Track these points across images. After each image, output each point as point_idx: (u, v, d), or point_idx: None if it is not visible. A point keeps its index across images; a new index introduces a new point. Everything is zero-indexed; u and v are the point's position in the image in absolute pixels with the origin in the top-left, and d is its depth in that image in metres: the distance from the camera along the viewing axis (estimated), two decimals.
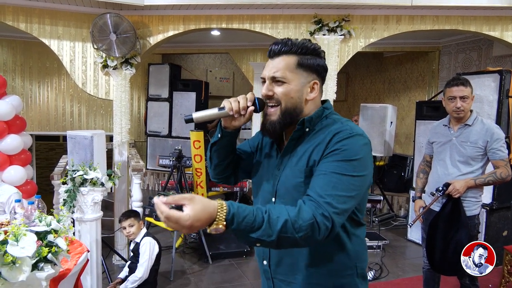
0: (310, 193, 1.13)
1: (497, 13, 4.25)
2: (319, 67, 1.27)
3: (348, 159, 1.14)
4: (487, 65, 5.79)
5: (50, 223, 1.74)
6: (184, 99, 6.89)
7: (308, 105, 1.27)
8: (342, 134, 1.18)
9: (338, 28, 4.25)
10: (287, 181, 1.25)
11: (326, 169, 1.15)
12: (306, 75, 1.25)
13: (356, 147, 1.16)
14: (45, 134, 7.58)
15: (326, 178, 1.13)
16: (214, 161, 1.42)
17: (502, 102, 3.81)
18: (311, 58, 1.26)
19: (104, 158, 3.42)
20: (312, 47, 1.26)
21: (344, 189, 1.12)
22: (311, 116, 1.26)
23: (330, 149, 1.17)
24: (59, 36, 4.20)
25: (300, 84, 1.24)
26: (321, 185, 1.12)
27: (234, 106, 1.25)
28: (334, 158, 1.15)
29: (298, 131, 1.26)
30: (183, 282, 3.65)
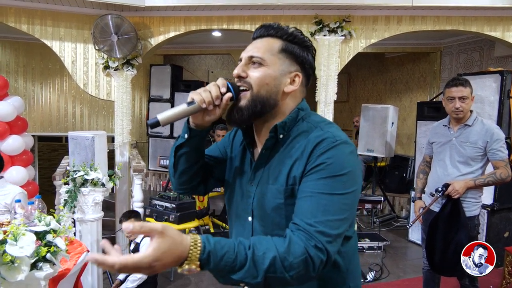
0: (297, 222, 0.95)
1: (498, 13, 4.24)
2: (305, 60, 1.10)
3: (336, 174, 0.97)
4: (489, 65, 5.78)
5: (49, 223, 1.76)
6: (186, 100, 6.89)
7: (285, 99, 1.08)
8: (325, 144, 0.99)
9: (339, 29, 4.25)
10: (264, 202, 1.06)
11: (312, 189, 0.97)
12: (288, 63, 1.07)
13: (343, 158, 0.99)
14: (48, 135, 7.62)
15: (313, 201, 0.96)
16: (179, 168, 1.17)
17: (503, 102, 3.80)
18: (298, 48, 1.09)
19: (105, 159, 3.44)
20: (301, 36, 1.10)
21: (335, 212, 0.95)
22: (285, 121, 1.06)
23: (313, 164, 0.99)
24: (61, 38, 4.23)
25: (279, 71, 1.06)
26: (309, 210, 0.95)
27: (205, 96, 1.03)
28: (319, 175, 0.97)
29: (270, 139, 1.06)
30: (183, 282, 3.65)
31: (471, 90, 2.53)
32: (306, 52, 1.10)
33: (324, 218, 0.94)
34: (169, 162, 1.21)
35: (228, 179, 1.22)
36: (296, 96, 1.11)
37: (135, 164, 4.12)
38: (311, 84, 1.21)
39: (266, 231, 1.06)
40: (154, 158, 6.87)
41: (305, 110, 1.10)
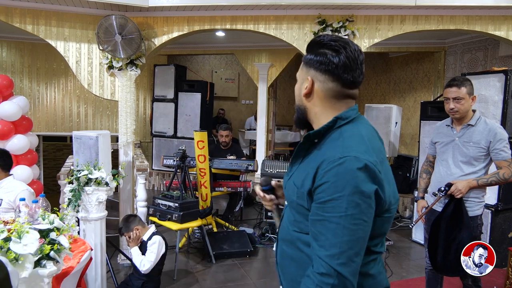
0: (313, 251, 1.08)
1: (503, 12, 4.22)
2: (315, 62, 1.18)
3: (336, 197, 1.02)
4: (493, 65, 5.75)
5: (53, 221, 1.77)
6: (190, 100, 6.93)
7: (308, 103, 1.22)
8: (329, 162, 1.05)
9: (342, 29, 4.25)
10: (290, 194, 1.22)
11: (317, 214, 1.06)
12: (305, 71, 1.23)
13: (346, 178, 1.02)
14: (53, 134, 7.67)
15: (319, 227, 1.05)
16: None
17: (507, 102, 3.78)
18: (310, 54, 1.21)
19: (109, 158, 3.45)
20: (311, 43, 1.22)
21: (343, 235, 1.01)
22: (319, 130, 1.16)
23: (318, 183, 1.07)
24: (65, 38, 4.26)
25: (300, 81, 1.25)
26: (317, 237, 1.05)
27: (268, 206, 1.50)
28: (321, 198, 1.05)
29: (301, 144, 1.20)
30: (186, 281, 3.67)
31: (469, 91, 2.52)
32: (316, 55, 1.18)
33: (331, 243, 1.02)
34: None
35: None
36: (318, 95, 1.20)
37: (138, 163, 4.13)
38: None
39: (288, 217, 1.26)
40: (158, 157, 6.89)
41: (346, 119, 1.17)
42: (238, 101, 10.50)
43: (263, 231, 4.85)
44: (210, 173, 4.59)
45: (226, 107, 10.13)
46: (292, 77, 10.07)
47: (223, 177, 5.06)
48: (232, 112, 10.44)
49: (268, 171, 4.81)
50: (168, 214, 3.82)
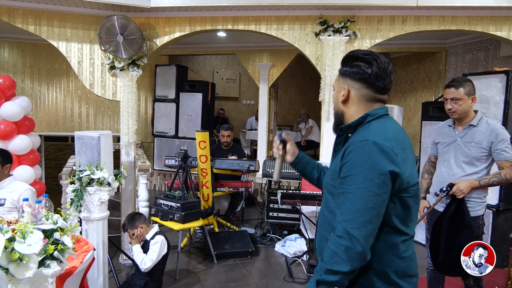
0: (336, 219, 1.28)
1: (504, 13, 4.22)
2: (350, 73, 1.40)
3: (354, 172, 1.23)
4: (495, 65, 5.75)
5: (57, 222, 1.78)
6: (191, 100, 6.93)
7: (345, 108, 1.44)
8: (352, 144, 1.29)
9: (344, 29, 4.25)
10: (325, 180, 1.45)
11: (340, 188, 1.28)
12: (341, 81, 1.44)
13: (363, 156, 1.24)
14: (54, 134, 7.68)
15: (342, 198, 1.26)
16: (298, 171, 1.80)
17: (508, 102, 3.78)
18: (345, 66, 1.43)
19: (111, 158, 3.47)
20: (348, 56, 1.43)
21: (357, 204, 1.21)
22: (350, 124, 1.39)
23: (342, 162, 1.29)
24: (67, 38, 4.27)
25: (337, 90, 1.47)
26: (340, 207, 1.26)
27: (275, 151, 1.75)
28: (343, 174, 1.27)
29: (337, 137, 1.44)
30: (188, 281, 3.68)
31: (468, 91, 2.52)
32: (351, 68, 1.40)
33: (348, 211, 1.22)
34: None
35: None
36: (353, 101, 1.41)
37: (140, 163, 4.14)
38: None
39: (324, 202, 1.44)
40: (160, 158, 6.90)
41: (374, 115, 1.37)
42: (239, 101, 10.51)
43: (264, 231, 4.86)
44: (212, 173, 4.60)
45: (227, 107, 10.14)
46: (294, 77, 10.08)
47: (224, 177, 5.07)
48: (233, 112, 10.45)
49: (270, 171, 4.82)
50: (170, 214, 3.82)
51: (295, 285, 3.62)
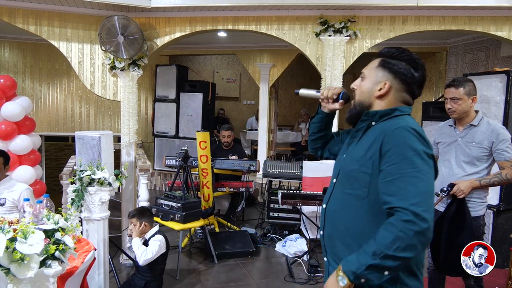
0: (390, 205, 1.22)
1: (505, 13, 4.22)
2: (396, 69, 1.38)
3: (409, 156, 1.22)
4: (495, 65, 5.75)
5: (58, 222, 1.78)
6: (191, 100, 6.94)
7: (377, 102, 1.40)
8: (392, 130, 1.28)
9: (344, 29, 4.25)
10: (346, 166, 1.41)
11: (393, 174, 1.24)
12: (381, 74, 1.40)
13: (412, 140, 1.24)
14: (55, 135, 7.68)
15: (398, 183, 1.22)
16: (310, 131, 1.74)
17: (509, 102, 3.78)
18: (395, 61, 1.39)
19: (112, 159, 3.47)
20: (395, 52, 1.39)
21: (422, 186, 1.20)
22: (377, 111, 1.39)
23: (386, 148, 1.27)
24: (68, 38, 4.27)
25: (373, 81, 1.41)
26: (397, 192, 1.21)
27: (324, 93, 1.58)
28: (393, 160, 1.24)
29: (363, 120, 1.41)
30: (189, 281, 3.68)
31: (468, 91, 2.53)
32: (400, 67, 1.38)
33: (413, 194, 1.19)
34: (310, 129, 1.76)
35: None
36: (389, 99, 1.40)
37: (141, 163, 4.15)
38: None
39: (342, 189, 1.41)
40: (160, 158, 6.91)
41: (404, 111, 1.38)
42: (239, 101, 10.51)
43: (265, 231, 4.86)
44: (212, 173, 4.60)
45: (228, 107, 10.14)
46: (294, 77, 10.08)
47: (225, 177, 5.07)
48: (234, 112, 10.45)
49: (270, 171, 4.82)
50: (171, 214, 3.83)
51: (296, 285, 3.63)
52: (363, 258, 1.19)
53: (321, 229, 1.49)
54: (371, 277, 1.18)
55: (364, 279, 1.19)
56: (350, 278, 1.20)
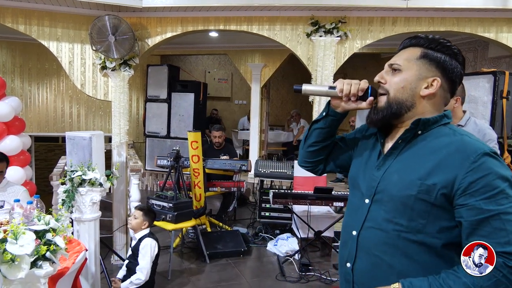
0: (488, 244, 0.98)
1: (492, 14, 4.29)
2: (447, 66, 1.14)
3: (503, 188, 0.99)
4: (483, 66, 5.84)
5: (49, 222, 1.78)
6: (183, 100, 6.93)
7: (422, 103, 1.14)
8: (477, 156, 1.01)
9: (335, 30, 4.29)
10: (394, 189, 1.11)
11: (486, 211, 0.99)
12: (427, 68, 1.14)
13: (499, 169, 1.01)
14: (45, 135, 7.61)
15: (496, 223, 0.98)
16: (310, 140, 1.35)
17: (496, 103, 3.85)
18: (441, 54, 1.15)
19: (103, 159, 3.46)
20: (446, 44, 1.15)
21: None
22: (429, 118, 1.12)
23: (472, 178, 1.00)
24: (58, 38, 4.24)
25: (416, 76, 1.14)
26: (494, 234, 0.98)
27: (345, 88, 1.20)
28: (486, 192, 0.99)
29: (410, 130, 1.13)
30: (181, 281, 3.68)
31: None
32: (450, 58, 1.15)
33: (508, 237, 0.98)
34: (303, 135, 1.39)
35: (354, 164, 1.31)
36: (435, 100, 1.15)
37: (132, 164, 4.14)
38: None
39: (387, 216, 1.11)
40: (151, 158, 6.89)
41: (450, 119, 1.16)
42: (231, 101, 10.52)
43: (256, 230, 4.88)
44: (204, 173, 4.61)
45: (219, 107, 10.14)
46: (285, 77, 10.11)
47: (216, 177, 5.07)
48: (225, 112, 10.45)
49: (262, 171, 4.84)
50: (162, 214, 3.82)
51: (287, 284, 3.65)
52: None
53: (349, 260, 1.20)
54: None
55: None
56: None
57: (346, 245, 1.22)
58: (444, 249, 1.06)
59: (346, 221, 1.26)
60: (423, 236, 1.06)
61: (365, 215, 1.17)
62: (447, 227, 1.05)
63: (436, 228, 1.05)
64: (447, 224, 1.05)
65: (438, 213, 1.05)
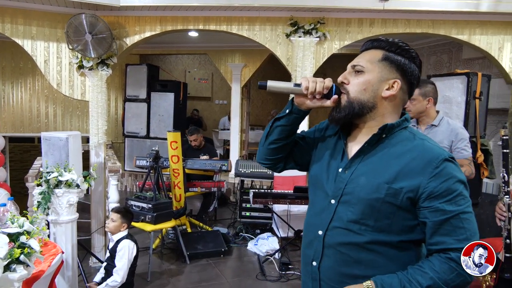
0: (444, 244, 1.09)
1: (465, 17, 4.42)
2: (407, 69, 1.19)
3: (460, 190, 1.10)
4: (457, 67, 6.00)
5: (23, 225, 1.74)
6: (162, 100, 6.87)
7: (383, 104, 1.19)
8: (439, 161, 1.10)
9: (314, 31, 4.33)
10: (362, 191, 1.15)
11: (448, 212, 1.08)
12: (388, 71, 1.18)
13: (457, 173, 1.11)
14: (20, 135, 7.42)
15: (456, 222, 1.09)
16: (271, 137, 1.32)
17: (469, 103, 3.96)
18: (401, 57, 1.20)
19: (80, 160, 3.40)
20: (402, 44, 1.20)
21: (475, 222, 1.11)
22: (394, 124, 1.17)
23: (436, 182, 1.09)
24: (33, 36, 4.15)
25: (378, 78, 1.18)
26: (454, 232, 1.09)
27: (311, 86, 1.19)
28: (448, 194, 1.09)
29: (377, 135, 1.17)
30: (160, 282, 3.65)
31: (423, 92, 2.63)
32: (409, 61, 1.20)
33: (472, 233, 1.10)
34: (264, 132, 1.36)
35: (315, 163, 1.33)
36: (396, 102, 1.21)
37: (110, 164, 4.08)
38: None
39: (354, 217, 1.15)
40: (130, 158, 6.80)
41: (409, 122, 1.22)
42: (211, 101, 10.48)
43: (237, 230, 4.88)
44: (184, 173, 4.58)
45: (200, 107, 10.10)
46: (266, 77, 10.03)
47: (197, 178, 5.06)
48: (206, 112, 10.41)
49: (242, 171, 4.85)
50: (142, 215, 3.79)
51: (268, 283, 3.67)
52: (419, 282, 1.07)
53: (315, 259, 1.23)
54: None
55: None
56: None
57: (312, 244, 1.24)
58: (406, 244, 1.14)
59: (310, 221, 1.29)
60: (387, 234, 1.13)
61: (331, 216, 1.20)
62: (409, 226, 1.13)
63: (400, 227, 1.13)
64: (410, 223, 1.13)
65: (403, 214, 1.12)
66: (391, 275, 1.10)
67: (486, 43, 4.49)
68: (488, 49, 4.50)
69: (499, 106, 5.23)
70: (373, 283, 1.09)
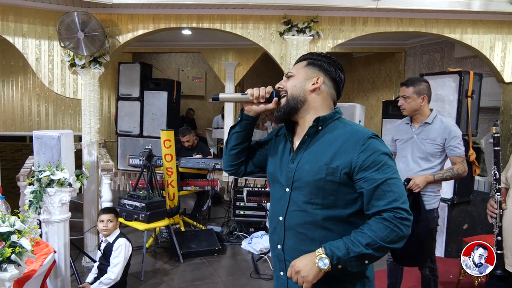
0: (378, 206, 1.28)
1: (457, 16, 4.44)
2: (326, 67, 1.45)
3: (385, 160, 1.31)
4: (450, 66, 6.04)
5: (14, 224, 1.72)
6: (156, 99, 6.83)
7: (312, 96, 1.42)
8: (365, 139, 1.32)
9: (307, 29, 4.33)
10: (307, 176, 1.35)
11: (376, 179, 1.28)
12: (311, 71, 1.44)
13: (382, 147, 1.33)
14: (11, 134, 7.34)
15: (385, 187, 1.28)
16: (230, 144, 1.57)
17: (461, 101, 3.99)
18: (322, 62, 1.46)
19: (72, 158, 3.37)
20: (323, 54, 1.48)
21: (401, 185, 1.31)
22: (325, 116, 1.40)
23: (364, 156, 1.30)
24: (24, 34, 4.10)
25: (304, 77, 1.44)
26: (384, 195, 1.28)
27: (255, 93, 1.45)
28: (374, 165, 1.29)
29: (312, 127, 1.39)
30: (154, 281, 3.64)
31: (417, 90, 2.67)
32: (329, 64, 1.46)
33: (399, 194, 1.29)
34: (224, 141, 1.61)
35: (271, 162, 1.55)
36: (323, 95, 1.44)
37: (103, 163, 4.05)
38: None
39: (305, 199, 1.36)
40: (123, 157, 6.76)
41: (340, 114, 1.45)
42: (205, 99, 10.45)
43: (231, 229, 4.88)
44: (177, 172, 4.57)
45: (194, 106, 10.07)
46: (259, 76, 10.14)
47: (190, 176, 5.04)
48: (199, 110, 10.38)
49: None
50: (135, 214, 3.77)
51: (261, 281, 3.67)
52: (355, 247, 1.24)
53: (279, 242, 1.42)
54: (354, 265, 1.25)
55: (344, 266, 1.25)
56: (333, 263, 1.24)
57: (275, 230, 1.44)
58: (351, 217, 1.34)
59: (272, 210, 1.49)
60: (335, 210, 1.33)
61: (287, 202, 1.40)
62: (352, 198, 1.34)
63: (344, 201, 1.33)
64: (352, 196, 1.33)
65: (344, 189, 1.32)
66: (337, 240, 1.28)
67: (478, 42, 4.52)
68: (480, 48, 4.53)
69: (491, 104, 5.28)
70: (323, 248, 1.26)
